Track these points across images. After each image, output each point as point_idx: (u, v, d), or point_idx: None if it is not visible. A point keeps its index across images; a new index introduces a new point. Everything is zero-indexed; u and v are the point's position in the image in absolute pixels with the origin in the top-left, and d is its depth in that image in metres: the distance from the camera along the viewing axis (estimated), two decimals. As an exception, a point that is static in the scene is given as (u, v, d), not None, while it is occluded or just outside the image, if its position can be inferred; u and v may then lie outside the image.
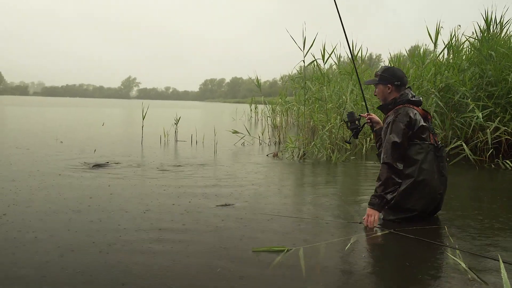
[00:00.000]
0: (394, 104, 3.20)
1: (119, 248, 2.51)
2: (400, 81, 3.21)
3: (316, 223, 3.14)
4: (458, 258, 2.34)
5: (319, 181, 4.95)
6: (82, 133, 9.99)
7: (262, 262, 2.35)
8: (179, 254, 2.45)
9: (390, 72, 3.25)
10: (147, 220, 3.10)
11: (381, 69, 3.31)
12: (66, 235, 2.73)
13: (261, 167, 5.83)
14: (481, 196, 4.31)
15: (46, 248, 2.48)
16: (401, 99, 3.17)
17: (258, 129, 12.28)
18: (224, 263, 2.32)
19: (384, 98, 3.29)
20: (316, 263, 2.34)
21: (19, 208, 3.35)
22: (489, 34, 6.83)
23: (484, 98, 6.16)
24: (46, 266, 2.23)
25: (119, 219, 3.10)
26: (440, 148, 3.10)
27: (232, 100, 78.54)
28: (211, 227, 2.98)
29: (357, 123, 3.54)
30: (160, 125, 9.93)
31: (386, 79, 3.23)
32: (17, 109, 25.55)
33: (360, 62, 8.46)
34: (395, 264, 2.39)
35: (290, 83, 11.97)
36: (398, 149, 2.98)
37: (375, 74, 3.35)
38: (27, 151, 6.66)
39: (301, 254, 2.43)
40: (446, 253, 2.49)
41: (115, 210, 3.35)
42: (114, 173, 5.00)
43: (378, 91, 3.32)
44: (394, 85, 3.21)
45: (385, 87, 3.25)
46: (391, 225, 3.02)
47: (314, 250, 2.54)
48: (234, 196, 3.93)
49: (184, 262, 2.33)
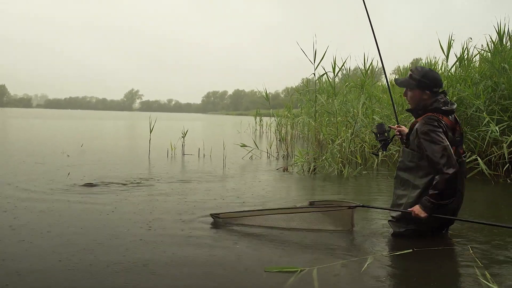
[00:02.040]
0: (424, 110, 2.95)
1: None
2: (440, 87, 2.96)
3: (329, 241, 3.02)
4: (481, 277, 2.22)
5: (332, 196, 4.82)
6: (88, 146, 9.91)
7: (274, 282, 2.25)
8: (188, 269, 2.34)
9: (430, 77, 2.94)
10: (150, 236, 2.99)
11: (420, 73, 2.96)
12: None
13: (272, 181, 5.73)
14: (497, 212, 4.19)
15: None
16: (432, 107, 2.91)
17: (264, 141, 12.20)
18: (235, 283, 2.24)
19: (418, 103, 3.00)
20: (332, 286, 2.22)
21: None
22: (501, 47, 6.76)
23: (498, 112, 6.06)
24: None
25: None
26: (460, 162, 2.93)
27: (234, 113, 78.57)
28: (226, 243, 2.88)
29: (386, 135, 3.36)
30: (166, 138, 9.85)
31: (426, 85, 2.93)
32: (22, 121, 25.56)
33: (371, 74, 8.39)
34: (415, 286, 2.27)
35: (297, 95, 11.90)
36: (448, 154, 2.74)
37: (411, 76, 3.00)
38: (36, 164, 6.57)
39: (315, 275, 2.31)
40: (468, 273, 2.37)
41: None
42: (118, 191, 4.90)
43: (412, 95, 3.01)
44: (433, 92, 2.95)
45: (423, 93, 2.95)
46: (408, 242, 2.90)
47: (328, 271, 2.41)
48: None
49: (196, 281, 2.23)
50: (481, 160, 5.75)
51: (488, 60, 6.84)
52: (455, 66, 7.11)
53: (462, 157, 2.98)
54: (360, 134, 7.67)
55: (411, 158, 2.97)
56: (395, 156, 7.15)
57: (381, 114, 7.67)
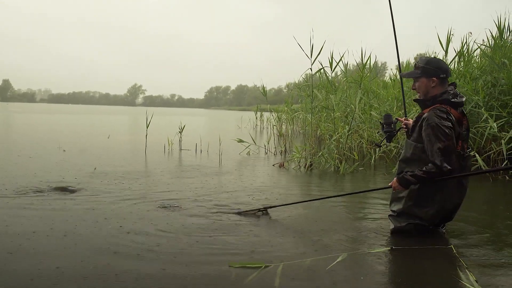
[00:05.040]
0: (433, 101, 2.87)
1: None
2: (446, 73, 2.87)
3: (305, 238, 2.99)
4: (463, 277, 2.16)
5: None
6: (86, 142, 9.87)
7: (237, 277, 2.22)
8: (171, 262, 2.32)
9: (434, 63, 2.89)
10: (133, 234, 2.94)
11: (423, 61, 2.93)
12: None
13: (266, 178, 5.66)
14: (494, 210, 4.13)
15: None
16: (441, 98, 2.83)
17: (264, 137, 12.12)
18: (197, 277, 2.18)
19: (426, 92, 2.91)
20: (291, 282, 2.17)
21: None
22: (501, 42, 6.65)
23: (497, 108, 5.97)
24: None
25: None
26: (466, 157, 2.88)
27: (237, 108, 78.49)
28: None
29: (392, 127, 3.27)
30: (165, 133, 9.80)
31: (431, 72, 2.87)
32: (23, 116, 25.60)
33: (369, 70, 8.29)
34: (385, 284, 2.21)
35: (296, 91, 11.81)
36: (448, 153, 2.70)
37: (416, 66, 2.97)
38: (29, 159, 6.53)
39: (279, 272, 2.26)
40: (450, 273, 2.30)
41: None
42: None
43: (419, 85, 2.93)
44: (440, 78, 2.85)
45: (429, 81, 2.88)
46: (390, 240, 2.86)
47: (294, 268, 2.36)
48: (239, 206, 3.76)
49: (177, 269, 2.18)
50: (479, 156, 5.67)
51: (488, 55, 6.73)
52: (454, 61, 7.00)
53: (467, 152, 2.92)
54: (358, 130, 7.60)
55: (413, 151, 2.91)
56: (393, 152, 7.07)
57: (379, 109, 7.57)
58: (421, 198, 2.86)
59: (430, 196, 2.84)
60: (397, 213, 3.01)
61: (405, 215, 2.95)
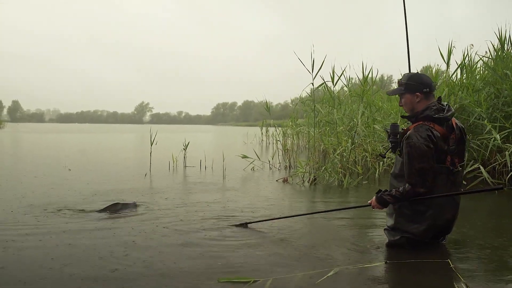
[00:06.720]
0: (416, 118, 2.88)
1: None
2: (429, 87, 2.87)
3: (296, 252, 2.97)
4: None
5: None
6: (92, 160, 9.95)
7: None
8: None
9: (416, 78, 2.91)
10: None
11: (406, 77, 2.96)
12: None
13: (270, 193, 5.65)
14: (497, 222, 4.06)
15: None
16: (423, 115, 2.82)
17: (269, 152, 12.11)
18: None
19: (412, 108, 2.93)
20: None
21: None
22: (503, 53, 6.65)
23: (501, 119, 5.94)
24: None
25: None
26: (455, 172, 2.86)
27: (244, 124, 78.57)
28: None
29: (398, 137, 3.20)
30: (170, 150, 9.84)
31: (413, 87, 2.89)
32: (30, 136, 25.88)
33: (371, 84, 8.31)
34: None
35: (301, 105, 11.84)
36: (424, 175, 2.71)
37: (399, 83, 3.00)
38: (35, 179, 6.59)
39: (267, 286, 2.25)
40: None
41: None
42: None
43: (405, 101, 2.96)
44: (424, 93, 2.87)
45: (413, 96, 2.90)
46: (385, 254, 2.84)
47: (284, 282, 2.33)
48: (237, 220, 3.75)
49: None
50: (483, 168, 5.62)
51: (490, 66, 6.73)
52: (456, 73, 7.00)
53: (457, 166, 2.89)
54: (362, 144, 7.58)
55: (401, 166, 2.92)
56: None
57: (383, 123, 7.57)
58: (412, 214, 2.85)
59: (420, 212, 2.83)
60: (391, 228, 3.01)
61: (398, 230, 2.94)
